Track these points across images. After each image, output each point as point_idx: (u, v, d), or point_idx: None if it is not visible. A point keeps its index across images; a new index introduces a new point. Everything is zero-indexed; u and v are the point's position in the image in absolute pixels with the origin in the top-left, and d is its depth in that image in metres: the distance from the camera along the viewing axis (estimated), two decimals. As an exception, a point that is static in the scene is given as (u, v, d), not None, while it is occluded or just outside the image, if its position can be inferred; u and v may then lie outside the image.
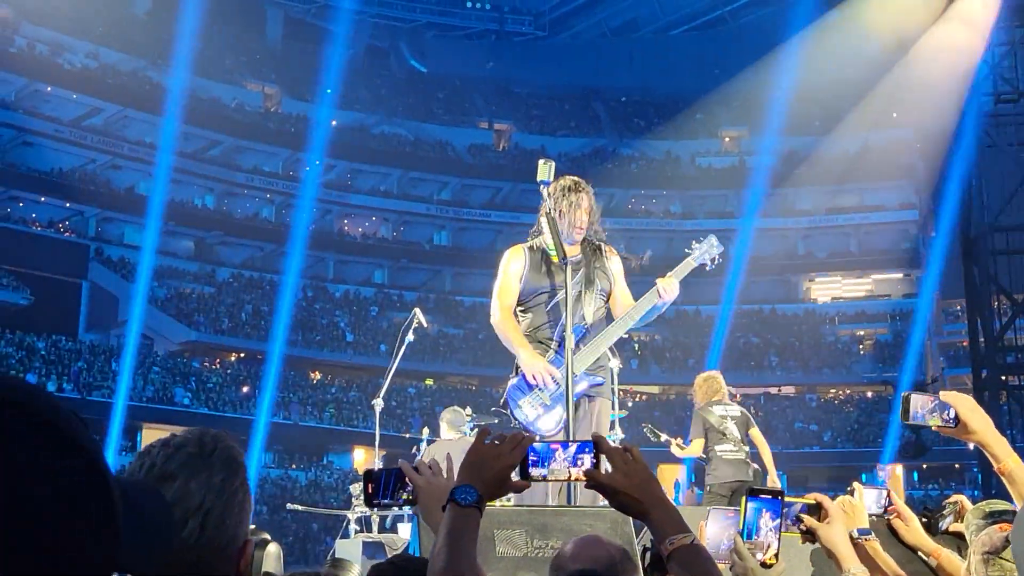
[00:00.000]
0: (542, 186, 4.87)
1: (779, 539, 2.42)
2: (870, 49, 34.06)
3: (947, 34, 29.18)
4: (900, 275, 48.94)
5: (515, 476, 2.17)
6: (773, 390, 45.30)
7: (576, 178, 5.46)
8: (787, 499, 2.54)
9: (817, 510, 2.78)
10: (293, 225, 42.41)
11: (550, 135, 51.11)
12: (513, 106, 52.42)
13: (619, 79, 51.04)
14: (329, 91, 44.05)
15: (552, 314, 5.42)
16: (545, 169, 4.94)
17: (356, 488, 9.27)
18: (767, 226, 47.46)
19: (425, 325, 10.02)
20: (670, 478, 34.68)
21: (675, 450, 9.95)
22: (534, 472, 2.17)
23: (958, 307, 40.74)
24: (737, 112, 49.02)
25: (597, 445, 2.13)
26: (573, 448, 2.17)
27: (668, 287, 5.29)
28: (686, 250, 5.66)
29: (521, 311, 5.52)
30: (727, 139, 51.63)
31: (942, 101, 32.75)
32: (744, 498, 2.37)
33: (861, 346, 46.22)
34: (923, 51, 34.54)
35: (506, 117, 52.09)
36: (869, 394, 44.54)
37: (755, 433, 9.61)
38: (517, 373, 5.34)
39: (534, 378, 5.16)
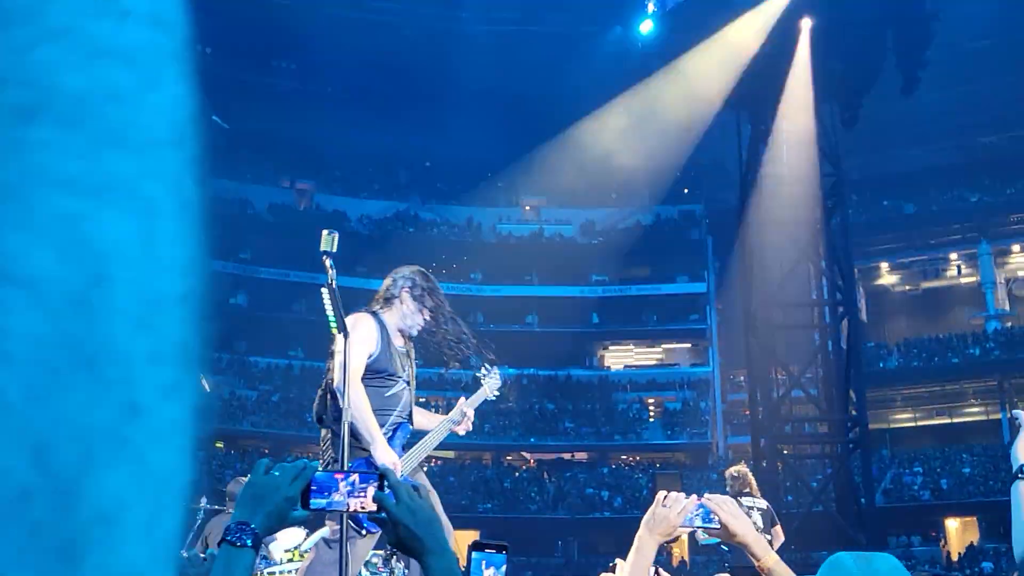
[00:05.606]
0: (324, 256, 4.77)
1: None
2: (664, 125, 35.57)
3: (734, 118, 30.79)
4: (688, 345, 50.73)
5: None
6: (567, 456, 45.94)
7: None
8: None
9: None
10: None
11: (353, 196, 50.91)
12: (316, 166, 52.02)
13: (422, 143, 51.44)
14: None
15: (388, 402, 5.33)
16: (328, 240, 4.79)
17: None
18: (564, 294, 48.55)
19: (207, 389, 9.75)
20: (676, 555, 35.21)
21: (699, 535, 9.78)
22: (315, 502, 2.14)
23: (741, 377, 42.44)
24: (537, 181, 50.10)
25: (383, 476, 2.09)
26: (356, 477, 2.13)
27: (468, 423, 5.51)
28: (477, 375, 5.77)
29: None
30: (527, 207, 52.64)
31: (731, 179, 34.43)
32: (469, 550, 2.31)
33: (651, 413, 47.47)
34: (712, 131, 36.38)
35: (308, 177, 51.62)
36: (658, 463, 45.73)
37: (778, 530, 9.69)
38: (340, 451, 5.17)
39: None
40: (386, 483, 2.09)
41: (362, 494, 2.11)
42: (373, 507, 2.08)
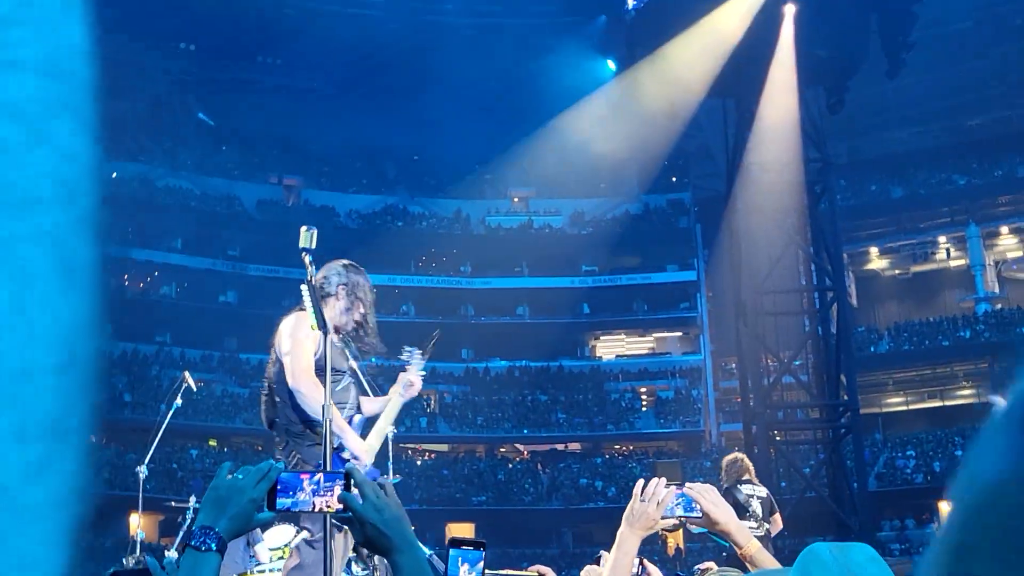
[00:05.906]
0: (304, 254, 4.69)
1: None
2: (650, 114, 35.51)
3: (720, 105, 30.74)
4: (679, 333, 50.78)
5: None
6: (560, 446, 45.99)
7: None
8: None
9: None
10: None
11: (340, 191, 50.81)
12: (303, 162, 51.88)
13: (409, 137, 51.30)
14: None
15: (340, 396, 5.28)
16: (307, 236, 4.71)
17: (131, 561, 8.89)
18: (554, 285, 48.55)
19: (194, 388, 9.82)
20: (671, 544, 35.18)
21: (691, 526, 9.65)
22: (281, 503, 2.10)
23: (732, 364, 42.52)
24: (525, 173, 50.05)
25: (349, 475, 2.06)
26: (321, 476, 2.11)
27: (414, 390, 5.49)
28: (401, 357, 5.73)
29: None
30: (516, 199, 52.60)
31: (718, 167, 34.39)
32: (448, 547, 2.27)
33: (643, 402, 47.52)
34: (699, 119, 36.32)
35: (296, 172, 51.50)
36: (651, 452, 45.78)
37: (776, 518, 9.58)
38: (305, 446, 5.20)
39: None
40: (352, 482, 2.06)
41: (328, 493, 2.09)
42: (339, 506, 2.05)
